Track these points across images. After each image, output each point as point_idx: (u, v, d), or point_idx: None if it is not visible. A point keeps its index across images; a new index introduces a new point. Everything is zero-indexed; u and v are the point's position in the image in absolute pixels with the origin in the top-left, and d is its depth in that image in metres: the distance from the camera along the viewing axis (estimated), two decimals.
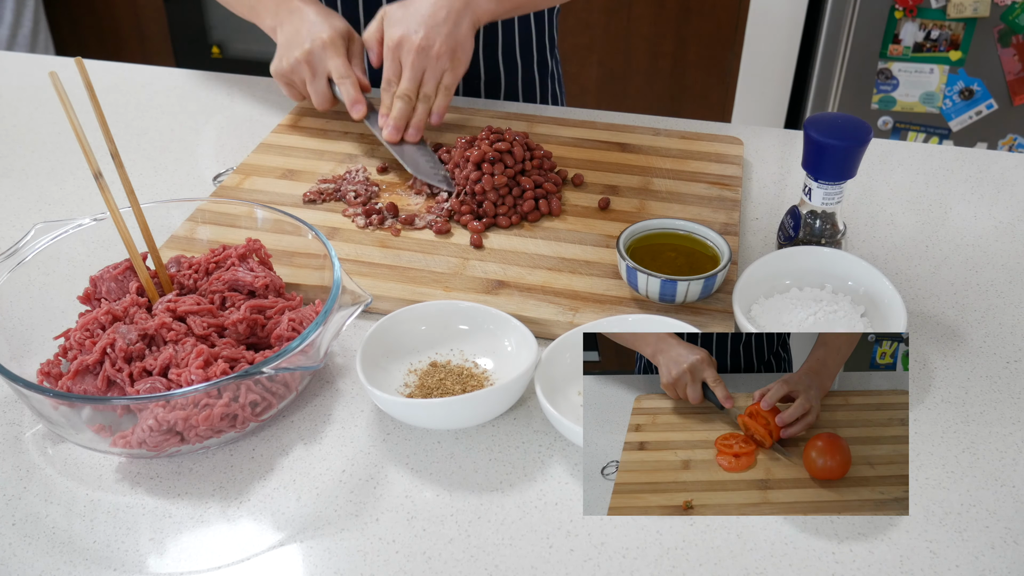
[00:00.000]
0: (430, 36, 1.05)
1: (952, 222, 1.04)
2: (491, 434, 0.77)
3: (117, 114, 1.25)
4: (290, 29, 1.12)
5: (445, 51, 1.06)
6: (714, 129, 1.20)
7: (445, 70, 1.07)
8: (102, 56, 2.95)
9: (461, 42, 1.07)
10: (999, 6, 2.10)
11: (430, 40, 1.05)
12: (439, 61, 1.06)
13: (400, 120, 1.07)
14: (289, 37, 1.11)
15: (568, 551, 0.67)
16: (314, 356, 0.75)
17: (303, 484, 0.73)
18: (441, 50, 1.05)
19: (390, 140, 1.08)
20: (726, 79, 2.65)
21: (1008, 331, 0.88)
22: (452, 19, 1.06)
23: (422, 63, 1.06)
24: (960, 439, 0.76)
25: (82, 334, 0.76)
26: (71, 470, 0.74)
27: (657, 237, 0.92)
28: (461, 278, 0.91)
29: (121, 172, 0.82)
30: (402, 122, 1.07)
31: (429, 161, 1.06)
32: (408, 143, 1.09)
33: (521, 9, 1.16)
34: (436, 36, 1.05)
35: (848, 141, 0.85)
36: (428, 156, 1.07)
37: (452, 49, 1.06)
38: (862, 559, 0.66)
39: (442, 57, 1.06)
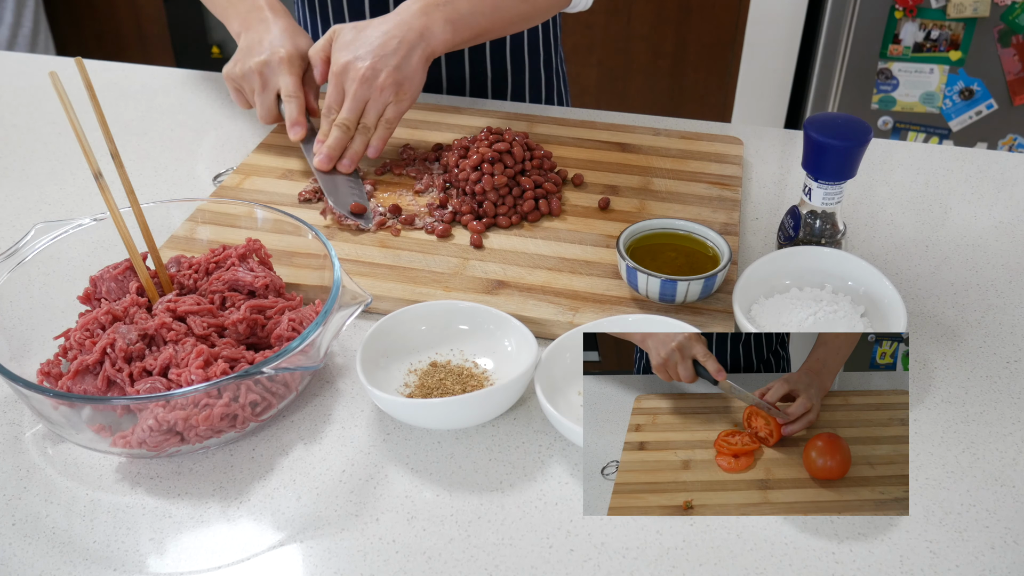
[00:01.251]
0: (376, 66, 1.00)
1: (952, 222, 1.04)
2: (491, 434, 0.77)
3: (117, 114, 1.25)
4: (253, 37, 1.09)
5: (390, 84, 1.01)
6: (714, 129, 1.20)
7: (388, 103, 1.02)
8: (102, 56, 2.95)
9: (409, 76, 1.02)
10: (999, 6, 2.10)
11: (376, 70, 1.00)
12: (383, 93, 1.01)
13: (334, 150, 1.03)
14: (250, 44, 1.09)
15: (568, 551, 0.67)
16: (314, 356, 0.75)
17: (303, 484, 0.73)
18: (386, 82, 1.01)
19: (320, 168, 1.03)
20: (726, 79, 2.65)
21: (1008, 331, 0.88)
22: (403, 51, 1.01)
23: (365, 93, 1.01)
24: (960, 439, 0.76)
25: (82, 334, 0.76)
26: (71, 470, 0.74)
27: (657, 237, 0.92)
28: (461, 278, 0.91)
29: (121, 172, 0.82)
30: (336, 151, 1.03)
31: (356, 194, 1.02)
32: (340, 173, 1.04)
33: (481, 39, 1.11)
34: (383, 67, 1.00)
35: (848, 141, 0.85)
36: (357, 189, 1.03)
37: (398, 82, 1.01)
38: (862, 559, 0.66)
39: (386, 90, 1.01)
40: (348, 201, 1.00)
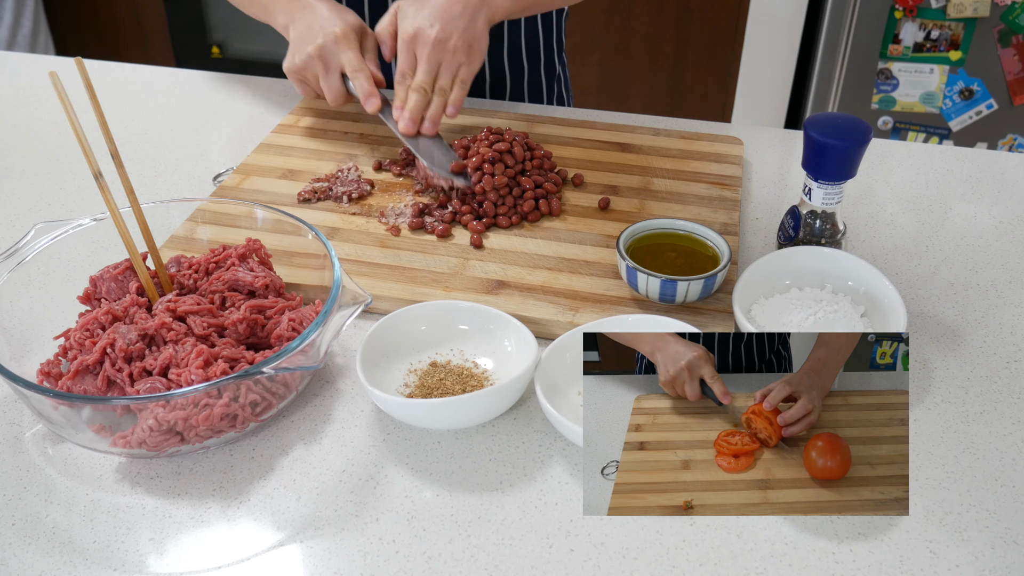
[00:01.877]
0: (446, 29, 1.04)
1: (952, 222, 1.04)
2: (491, 434, 0.77)
3: (117, 114, 1.25)
4: (302, 26, 1.11)
5: (461, 45, 1.05)
6: (714, 129, 1.20)
7: (461, 64, 1.06)
8: (102, 56, 2.95)
9: (477, 37, 1.06)
10: (999, 6, 2.10)
11: (446, 33, 1.04)
12: (455, 55, 1.05)
13: (416, 112, 1.05)
14: (301, 33, 1.11)
15: (568, 551, 0.67)
16: (314, 356, 0.75)
17: (303, 484, 0.73)
18: (457, 44, 1.04)
19: (406, 132, 1.06)
20: (726, 79, 2.65)
21: (1008, 331, 0.88)
22: (468, 14, 1.05)
23: (438, 56, 1.05)
24: (960, 439, 0.76)
25: (82, 334, 0.76)
26: (71, 470, 0.74)
27: (657, 237, 0.92)
28: (461, 278, 0.91)
29: (121, 172, 0.82)
30: (418, 114, 1.06)
31: (445, 154, 1.05)
32: (423, 136, 1.07)
33: (535, 9, 1.16)
34: (453, 30, 1.04)
35: (848, 141, 0.85)
36: (444, 149, 1.06)
37: (468, 43, 1.05)
38: (862, 559, 0.66)
39: (458, 51, 1.05)
40: (444, 162, 1.02)
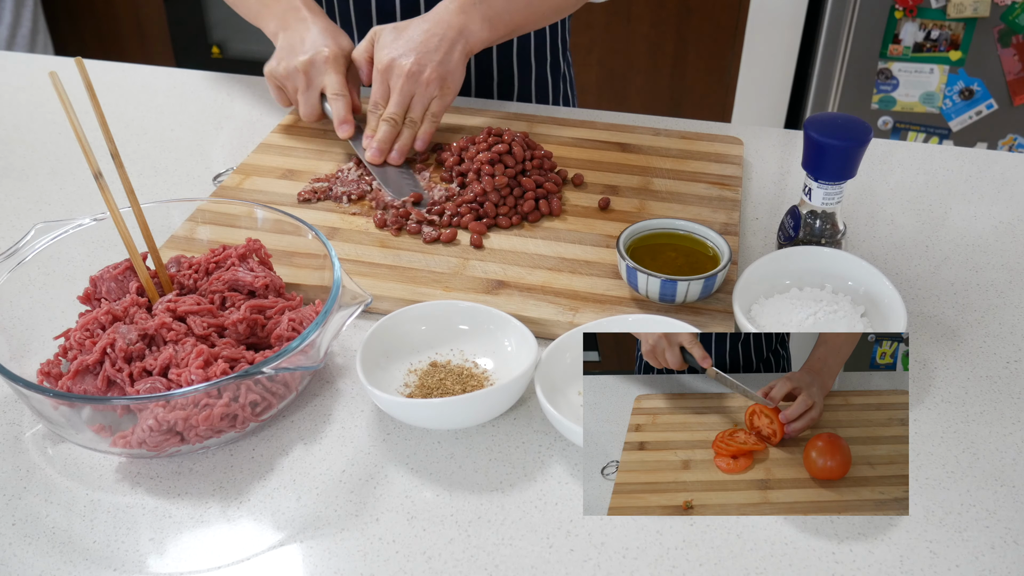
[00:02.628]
0: (421, 62, 1.04)
1: (952, 222, 1.04)
2: (491, 434, 0.77)
3: (117, 114, 1.25)
4: (295, 36, 1.11)
5: (435, 78, 1.04)
6: (714, 129, 1.20)
7: (434, 97, 1.06)
8: (102, 56, 2.95)
9: (452, 71, 1.06)
10: (999, 6, 2.10)
11: (420, 66, 1.04)
12: (428, 88, 1.05)
13: (384, 143, 1.06)
14: (292, 43, 1.11)
15: (568, 551, 0.67)
16: (314, 356, 0.75)
17: (303, 484, 0.73)
18: (431, 77, 1.04)
19: (372, 162, 1.06)
20: (726, 79, 2.65)
21: (1008, 331, 0.88)
22: (444, 47, 1.05)
23: (411, 88, 1.05)
24: (960, 439, 0.76)
25: (82, 334, 0.76)
26: (71, 470, 0.74)
27: (657, 237, 0.92)
28: (461, 278, 0.91)
29: (121, 172, 0.82)
30: (386, 145, 1.06)
31: (410, 184, 1.04)
32: (390, 166, 1.07)
33: (516, 33, 1.15)
34: (427, 63, 1.04)
35: (848, 141, 0.85)
36: (410, 179, 1.06)
37: (442, 77, 1.05)
38: (862, 559, 0.66)
39: (431, 84, 1.05)
40: (405, 191, 1.03)
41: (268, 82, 1.14)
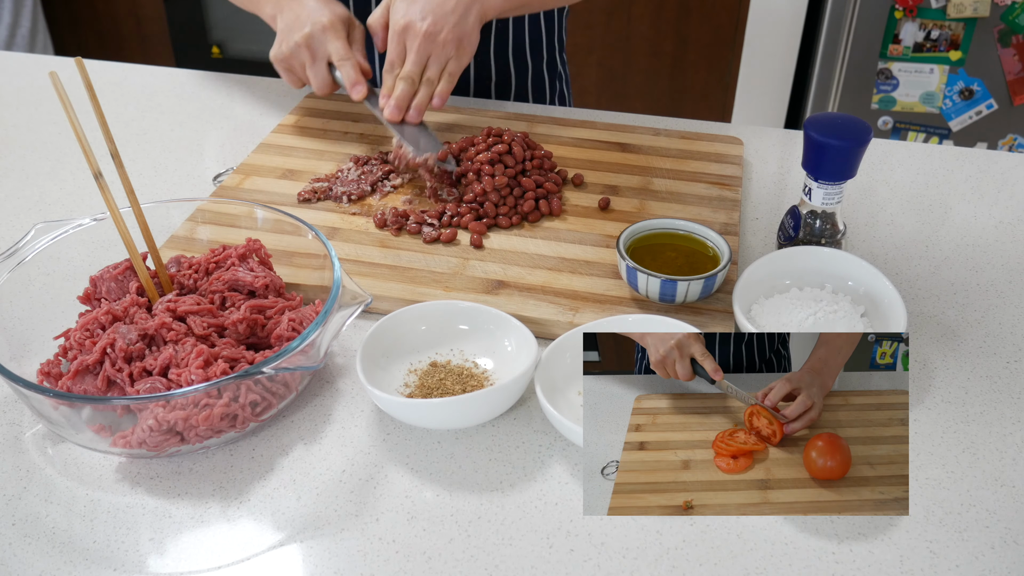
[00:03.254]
0: (437, 23, 1.05)
1: (952, 222, 1.04)
2: (491, 434, 0.77)
3: (117, 114, 1.25)
4: (290, 15, 1.12)
5: (451, 39, 1.05)
6: (714, 129, 1.20)
7: (450, 58, 1.07)
8: (102, 56, 2.95)
9: (468, 32, 1.06)
10: (999, 6, 2.10)
11: (437, 27, 1.05)
12: (444, 48, 1.06)
13: (402, 100, 1.06)
14: (289, 23, 1.11)
15: (568, 551, 0.67)
16: (314, 356, 0.75)
17: (303, 484, 0.73)
18: (447, 38, 1.05)
19: (391, 119, 1.06)
20: (726, 79, 2.65)
21: (1008, 331, 0.88)
22: (460, 10, 1.06)
23: (427, 49, 1.05)
24: (960, 439, 0.76)
25: (82, 334, 0.76)
26: (71, 470, 0.74)
27: (657, 237, 0.92)
28: (461, 278, 0.91)
29: (121, 172, 0.82)
30: (404, 102, 1.06)
31: (429, 140, 1.05)
32: (408, 124, 1.07)
33: (528, 8, 1.16)
34: (443, 24, 1.05)
35: (848, 141, 0.85)
36: (428, 136, 1.06)
37: (458, 38, 1.06)
38: (862, 559, 0.66)
39: (448, 45, 1.05)
40: (428, 147, 1.03)
41: (276, 67, 1.14)
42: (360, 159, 1.09)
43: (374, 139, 1.16)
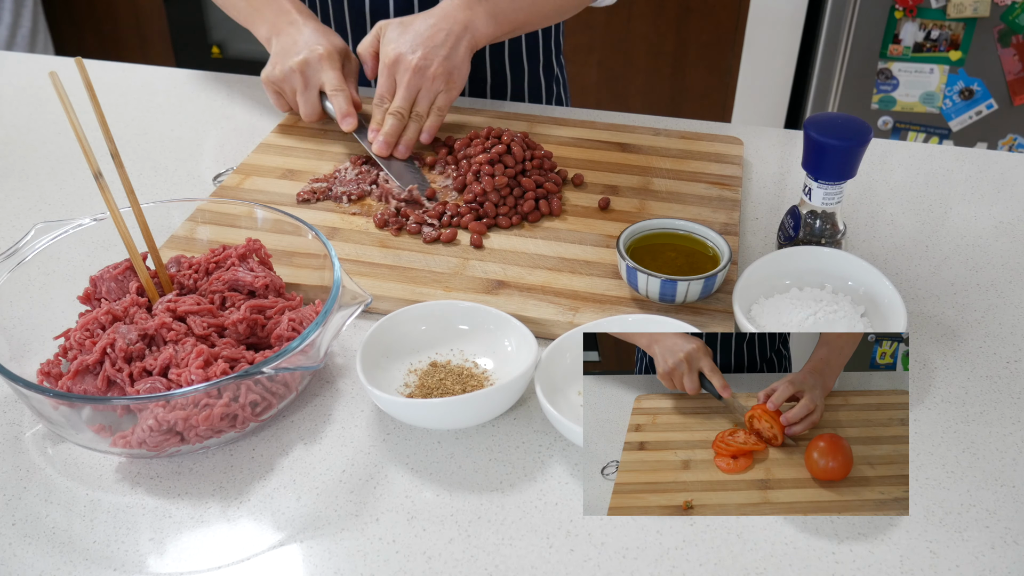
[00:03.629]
0: (428, 57, 1.05)
1: (952, 222, 1.04)
2: (491, 434, 0.77)
3: (117, 114, 1.25)
4: (287, 40, 1.12)
5: (441, 73, 1.05)
6: (714, 129, 1.20)
7: (440, 92, 1.07)
8: (102, 56, 2.95)
9: (457, 65, 1.07)
10: (999, 6, 2.10)
11: (427, 61, 1.05)
12: (434, 82, 1.06)
13: (391, 136, 1.07)
14: (285, 47, 1.12)
15: (568, 551, 0.67)
16: (314, 356, 0.75)
17: (303, 484, 0.73)
18: (437, 72, 1.05)
19: (379, 154, 1.07)
20: (726, 79, 2.65)
21: (1008, 331, 0.88)
22: (450, 42, 1.06)
23: (417, 83, 1.06)
24: (960, 439, 0.76)
25: (82, 334, 0.76)
26: (71, 470, 0.74)
27: (657, 237, 0.92)
28: (461, 278, 0.91)
29: (121, 172, 0.82)
30: (393, 138, 1.07)
31: (415, 176, 1.06)
32: (396, 160, 1.08)
33: (520, 31, 1.16)
34: (434, 57, 1.05)
35: (848, 141, 0.85)
36: (414, 172, 1.07)
37: (448, 72, 1.06)
38: (862, 559, 0.66)
39: (438, 79, 1.06)
40: (414, 183, 1.04)
41: (266, 88, 1.14)
42: (358, 159, 1.09)
43: None
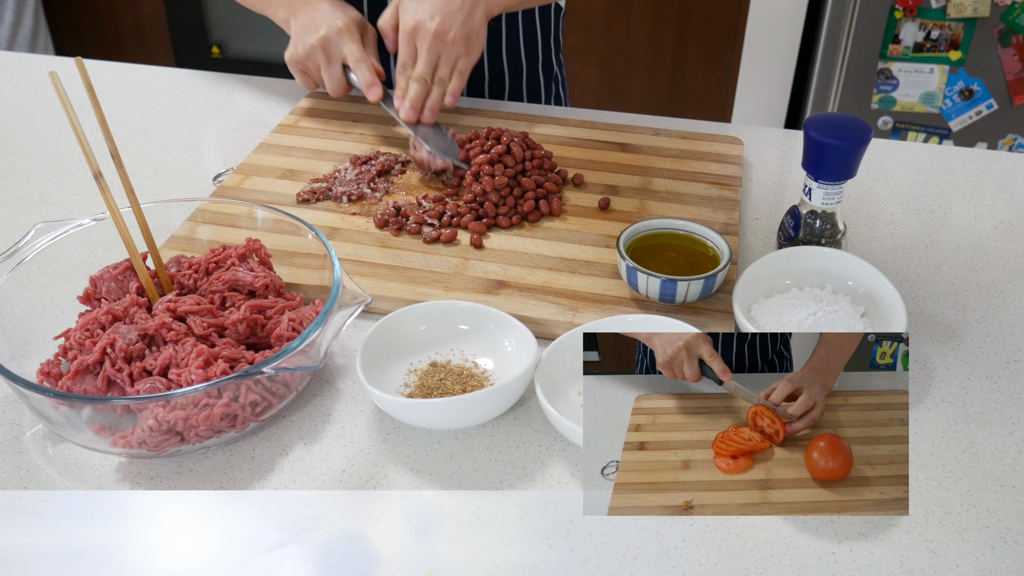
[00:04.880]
0: (446, 22, 1.07)
1: (952, 222, 1.04)
2: (491, 434, 0.77)
3: (117, 114, 1.25)
4: (304, 19, 1.14)
5: (460, 37, 1.07)
6: (714, 129, 1.20)
7: (460, 56, 1.09)
8: (102, 56, 2.95)
9: (475, 29, 1.09)
10: (999, 6, 2.10)
11: (446, 26, 1.07)
12: (454, 47, 1.08)
13: (416, 101, 1.09)
14: (304, 25, 1.13)
15: (568, 551, 0.67)
16: (314, 356, 0.75)
17: (303, 484, 0.73)
18: (456, 36, 1.07)
19: (407, 120, 1.09)
20: (726, 79, 2.65)
21: (1008, 331, 0.88)
22: (467, 7, 1.08)
23: (437, 48, 1.08)
24: (960, 439, 0.76)
25: (82, 334, 0.76)
26: (71, 470, 0.74)
27: (657, 237, 0.92)
28: (461, 278, 0.91)
29: (121, 172, 0.82)
30: (418, 103, 1.09)
31: (444, 140, 1.08)
32: (423, 125, 1.10)
33: (531, 3, 1.18)
34: (452, 23, 1.07)
35: (848, 141, 0.85)
36: (443, 136, 1.09)
37: (467, 36, 1.08)
38: (862, 559, 0.66)
39: (457, 43, 1.08)
40: (443, 147, 1.06)
41: (291, 69, 1.16)
42: (357, 159, 1.09)
43: (373, 139, 1.16)
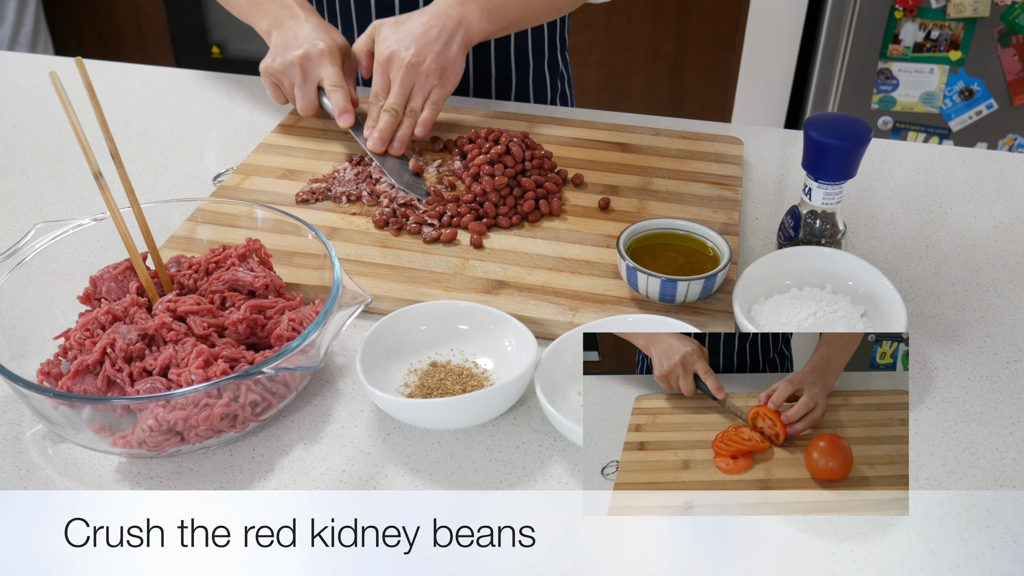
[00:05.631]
0: (420, 53, 1.05)
1: (952, 222, 1.04)
2: (491, 434, 0.77)
3: (117, 114, 1.25)
4: (288, 33, 1.12)
5: (435, 68, 1.06)
6: (714, 129, 1.20)
7: (433, 87, 1.08)
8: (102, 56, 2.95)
9: (452, 61, 1.07)
10: (999, 6, 2.10)
11: (420, 57, 1.05)
12: (428, 78, 1.06)
13: (386, 133, 1.07)
14: (287, 40, 1.12)
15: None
16: (314, 356, 0.75)
17: (303, 484, 0.73)
18: (431, 67, 1.06)
19: (374, 150, 1.07)
20: (726, 79, 2.65)
21: (1008, 331, 0.88)
22: (444, 38, 1.06)
23: (411, 79, 1.06)
24: (960, 439, 0.76)
25: (82, 334, 0.76)
26: (71, 470, 0.74)
27: (657, 237, 0.92)
28: (461, 278, 0.91)
29: (121, 172, 0.82)
30: (388, 134, 1.07)
31: (410, 175, 1.06)
32: (391, 157, 1.08)
33: (514, 28, 1.16)
34: (427, 53, 1.05)
35: (848, 141, 0.85)
36: (409, 170, 1.07)
37: (442, 67, 1.06)
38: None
39: (431, 74, 1.06)
40: (408, 182, 1.04)
41: (264, 80, 1.15)
42: (356, 159, 1.09)
43: None
